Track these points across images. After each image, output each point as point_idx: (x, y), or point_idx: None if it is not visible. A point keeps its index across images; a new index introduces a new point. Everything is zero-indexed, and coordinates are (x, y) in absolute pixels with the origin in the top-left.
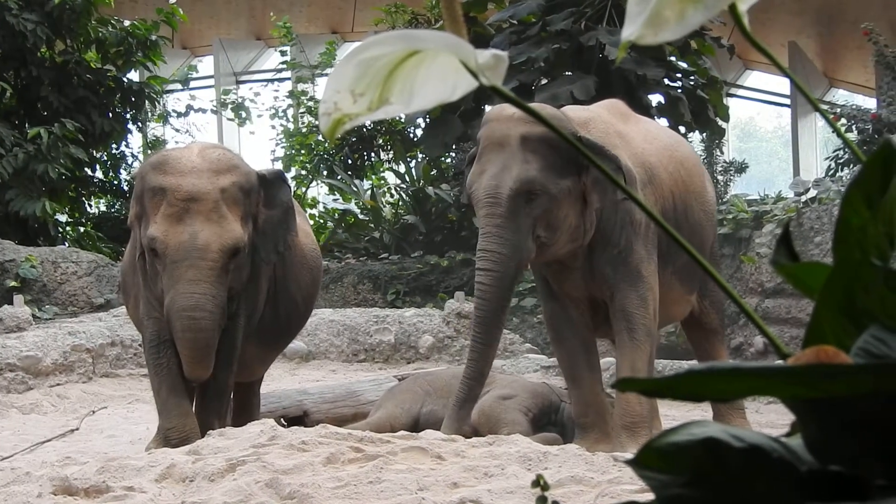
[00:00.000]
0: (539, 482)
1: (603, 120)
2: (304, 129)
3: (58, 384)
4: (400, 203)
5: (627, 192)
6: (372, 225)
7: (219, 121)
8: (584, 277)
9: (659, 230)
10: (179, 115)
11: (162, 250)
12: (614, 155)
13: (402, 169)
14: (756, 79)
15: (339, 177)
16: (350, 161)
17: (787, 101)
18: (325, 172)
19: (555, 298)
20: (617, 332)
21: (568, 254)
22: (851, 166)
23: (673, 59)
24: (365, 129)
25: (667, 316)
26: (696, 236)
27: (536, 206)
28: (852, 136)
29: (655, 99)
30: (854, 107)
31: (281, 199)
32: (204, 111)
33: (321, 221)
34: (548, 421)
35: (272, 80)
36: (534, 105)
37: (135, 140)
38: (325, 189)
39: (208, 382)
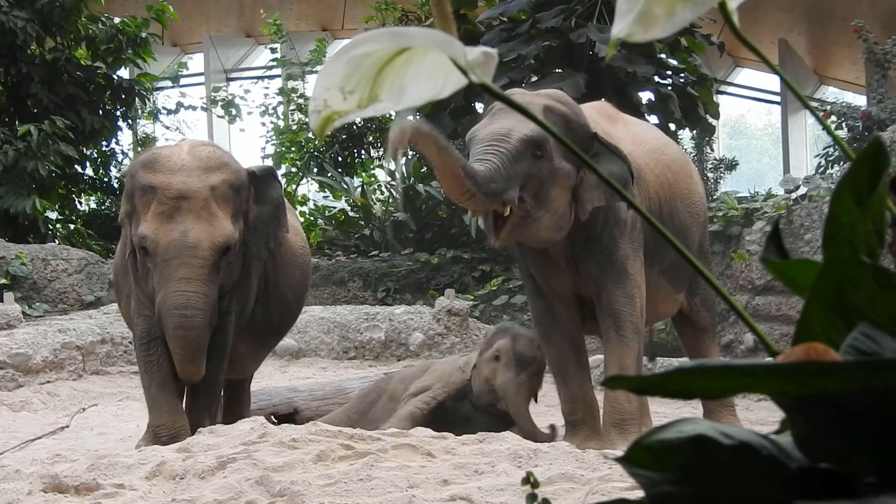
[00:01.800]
0: (529, 479)
1: (592, 121)
2: (294, 127)
3: (48, 381)
4: (390, 200)
5: (626, 198)
6: (362, 222)
7: (209, 118)
8: (570, 275)
9: (645, 229)
10: (169, 112)
11: (153, 249)
12: (626, 156)
13: (392, 166)
14: (746, 76)
15: (329, 174)
16: (340, 158)
17: (778, 99)
18: (315, 170)
19: (542, 296)
20: (604, 331)
21: (546, 241)
22: (841, 163)
23: (663, 56)
24: (355, 127)
25: (654, 314)
26: (682, 238)
27: (537, 167)
28: (842, 133)
29: (645, 96)
30: (844, 104)
31: (271, 195)
32: (194, 108)
33: (311, 219)
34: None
35: (262, 78)
36: (552, 90)
37: (125, 137)
38: (316, 186)
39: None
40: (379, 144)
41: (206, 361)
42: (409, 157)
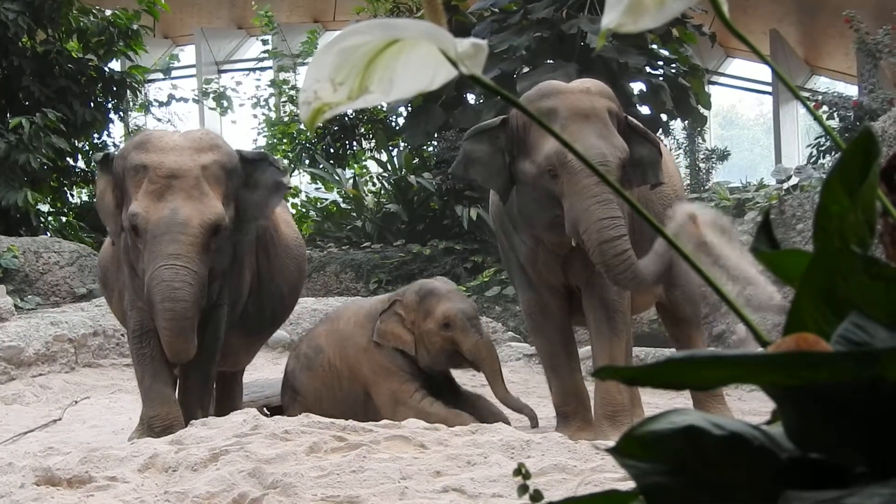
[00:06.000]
0: (521, 471)
1: None
2: (285, 118)
3: (40, 374)
4: (382, 192)
5: (619, 190)
6: (354, 214)
7: (200, 110)
8: (564, 265)
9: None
10: (161, 104)
11: (143, 226)
12: (657, 140)
13: (384, 158)
14: (738, 66)
15: (321, 166)
16: (332, 150)
17: (769, 89)
18: (307, 161)
19: (532, 288)
20: (594, 321)
21: None
22: (833, 154)
23: (654, 46)
24: (347, 118)
25: (632, 306)
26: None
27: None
28: (834, 123)
29: (637, 87)
30: (835, 94)
31: (263, 180)
32: (186, 100)
33: (303, 210)
34: None
35: (254, 70)
36: (594, 81)
37: (117, 129)
38: (308, 178)
39: (191, 372)
40: (370, 136)
41: (197, 353)
42: (401, 148)
